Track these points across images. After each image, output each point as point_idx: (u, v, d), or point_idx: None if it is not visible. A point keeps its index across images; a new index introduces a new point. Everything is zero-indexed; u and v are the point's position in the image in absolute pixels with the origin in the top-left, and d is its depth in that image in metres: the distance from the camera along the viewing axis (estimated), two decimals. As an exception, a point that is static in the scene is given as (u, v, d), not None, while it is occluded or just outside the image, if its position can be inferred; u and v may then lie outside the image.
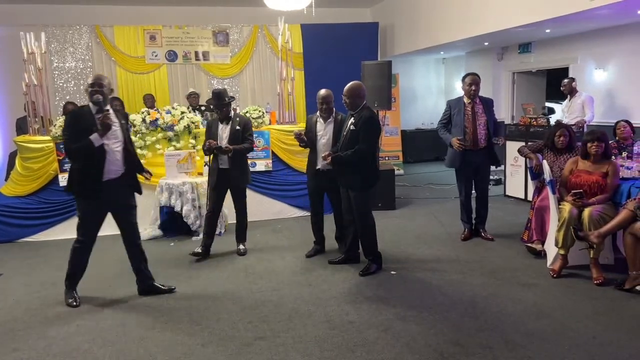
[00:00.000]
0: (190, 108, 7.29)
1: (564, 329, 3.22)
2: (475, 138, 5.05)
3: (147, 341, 3.23)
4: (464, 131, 5.06)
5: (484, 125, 5.07)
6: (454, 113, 5.15)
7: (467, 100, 5.11)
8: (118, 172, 3.79)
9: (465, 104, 5.11)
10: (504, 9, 6.85)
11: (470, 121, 5.06)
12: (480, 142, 5.07)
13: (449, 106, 5.28)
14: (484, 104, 5.13)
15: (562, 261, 4.15)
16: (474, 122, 5.06)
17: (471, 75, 5.12)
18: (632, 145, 5.20)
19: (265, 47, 9.60)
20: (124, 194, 3.93)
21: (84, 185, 3.70)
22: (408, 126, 11.31)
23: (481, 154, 5.12)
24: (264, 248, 5.26)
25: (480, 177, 5.28)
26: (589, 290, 3.84)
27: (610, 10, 5.65)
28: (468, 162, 5.13)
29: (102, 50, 8.84)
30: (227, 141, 4.81)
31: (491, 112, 5.18)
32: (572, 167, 4.41)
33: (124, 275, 4.43)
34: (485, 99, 5.20)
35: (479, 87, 5.11)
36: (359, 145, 4.15)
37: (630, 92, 7.12)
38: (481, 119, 5.07)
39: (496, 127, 5.24)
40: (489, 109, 5.14)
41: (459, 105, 5.15)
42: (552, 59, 8.57)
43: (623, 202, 4.08)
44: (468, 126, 5.06)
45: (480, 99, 5.13)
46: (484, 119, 5.07)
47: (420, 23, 9.02)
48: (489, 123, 5.09)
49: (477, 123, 5.06)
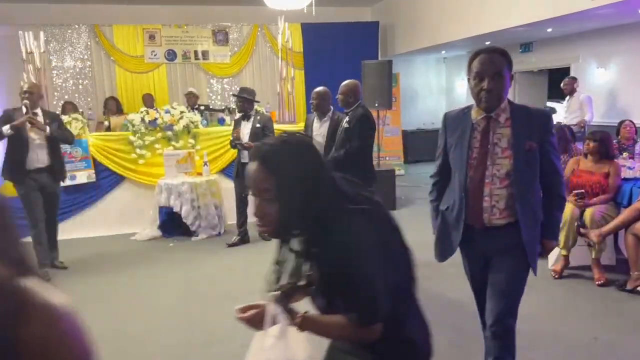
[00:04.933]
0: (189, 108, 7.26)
1: (565, 329, 3.20)
2: (477, 204, 2.19)
3: (147, 341, 3.21)
4: (464, 188, 2.21)
5: (504, 175, 2.15)
6: (452, 144, 2.29)
7: (477, 113, 2.20)
8: (40, 164, 4.46)
9: (474, 123, 2.21)
10: (505, 8, 6.83)
11: (475, 165, 2.19)
12: (489, 214, 2.18)
13: (443, 127, 2.36)
14: (516, 123, 2.16)
15: (563, 262, 4.13)
16: (482, 165, 2.18)
17: (486, 54, 2.11)
18: (633, 145, 5.19)
19: (265, 47, 9.57)
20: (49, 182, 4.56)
21: (10, 172, 4.49)
22: (409, 126, 11.28)
23: (498, 237, 2.21)
24: (264, 248, 5.24)
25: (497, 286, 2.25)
26: (590, 291, 3.82)
27: (612, 9, 5.62)
28: (472, 253, 2.35)
29: (101, 50, 8.81)
30: (248, 137, 5.14)
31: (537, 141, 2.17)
32: (574, 167, 4.39)
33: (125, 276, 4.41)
34: (524, 110, 2.23)
35: (504, 81, 2.12)
36: (351, 143, 4.11)
37: (631, 92, 7.10)
38: (501, 158, 2.15)
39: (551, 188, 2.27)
40: (529, 134, 2.15)
41: (461, 126, 2.25)
42: (553, 59, 8.54)
43: (625, 202, 4.07)
44: (472, 175, 2.20)
45: (511, 111, 2.18)
46: (508, 160, 2.14)
47: (421, 22, 8.99)
48: (519, 171, 2.14)
49: (489, 168, 2.17)
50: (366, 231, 1.26)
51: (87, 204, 5.87)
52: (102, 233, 5.74)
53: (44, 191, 4.50)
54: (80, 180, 5.75)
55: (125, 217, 5.96)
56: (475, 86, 2.10)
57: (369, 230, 1.27)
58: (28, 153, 4.38)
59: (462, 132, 2.20)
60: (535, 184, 2.18)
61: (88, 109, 7.94)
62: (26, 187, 4.42)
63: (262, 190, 1.26)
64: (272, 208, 1.26)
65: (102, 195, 5.97)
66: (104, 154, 5.92)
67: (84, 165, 5.81)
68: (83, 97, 8.72)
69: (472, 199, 2.17)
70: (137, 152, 5.97)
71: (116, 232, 5.88)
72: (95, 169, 5.87)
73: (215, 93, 9.43)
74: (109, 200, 6.01)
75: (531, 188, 2.17)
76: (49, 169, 4.52)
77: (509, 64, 2.11)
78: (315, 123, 4.68)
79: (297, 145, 1.32)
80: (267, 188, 1.25)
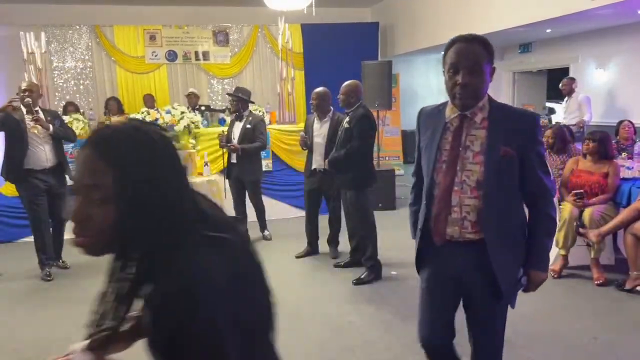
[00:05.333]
0: (190, 108, 7.28)
1: (565, 329, 3.21)
2: (443, 215, 1.88)
3: (147, 341, 3.22)
4: (428, 195, 1.95)
5: (474, 184, 1.83)
6: (423, 144, 2.02)
7: (451, 111, 1.91)
8: (47, 163, 4.41)
9: (447, 122, 1.91)
10: (504, 8, 6.84)
11: (444, 169, 1.88)
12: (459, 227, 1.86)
13: (417, 124, 2.08)
14: (494, 124, 1.83)
15: (562, 261, 4.14)
16: (451, 170, 1.87)
17: (463, 43, 1.81)
18: (632, 145, 5.21)
19: (265, 47, 9.59)
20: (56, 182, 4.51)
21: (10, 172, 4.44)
22: (408, 126, 11.28)
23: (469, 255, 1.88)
24: (264, 248, 5.25)
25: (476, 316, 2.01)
26: (589, 291, 3.84)
27: (611, 10, 5.64)
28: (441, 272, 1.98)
29: (102, 50, 8.83)
30: (238, 138, 5.16)
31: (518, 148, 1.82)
32: (573, 167, 4.41)
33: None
34: (506, 110, 1.91)
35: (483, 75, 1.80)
36: (351, 143, 4.12)
37: (630, 92, 7.11)
38: (472, 164, 1.84)
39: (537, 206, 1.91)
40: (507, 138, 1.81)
41: (434, 124, 1.96)
42: (552, 59, 8.56)
43: (624, 202, 4.09)
44: (439, 181, 1.90)
45: (491, 110, 1.85)
46: (479, 167, 1.82)
47: (420, 23, 9.01)
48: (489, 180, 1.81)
49: (459, 174, 1.85)
50: (220, 271, 0.91)
51: (88, 204, 5.87)
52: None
53: (51, 191, 4.44)
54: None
55: (126, 217, 5.96)
56: (449, 80, 1.80)
57: (225, 270, 0.92)
58: (27, 152, 4.30)
59: (434, 131, 1.91)
60: (511, 198, 1.83)
61: (89, 109, 7.96)
62: (31, 189, 4.35)
63: (91, 187, 0.90)
64: (101, 212, 0.90)
65: (102, 196, 5.98)
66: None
67: (84, 166, 5.82)
68: (84, 97, 8.74)
69: (438, 208, 1.85)
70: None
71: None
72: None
73: (215, 94, 9.45)
74: (110, 200, 6.01)
75: (505, 202, 1.80)
76: (55, 168, 4.46)
77: (490, 56, 1.79)
78: (316, 124, 4.70)
79: (154, 136, 0.96)
80: (99, 184, 0.89)
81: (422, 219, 1.94)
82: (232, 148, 5.12)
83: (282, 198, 6.54)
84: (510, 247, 1.84)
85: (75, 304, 3.92)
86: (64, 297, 4.07)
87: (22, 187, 4.41)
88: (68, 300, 4.00)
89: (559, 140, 4.81)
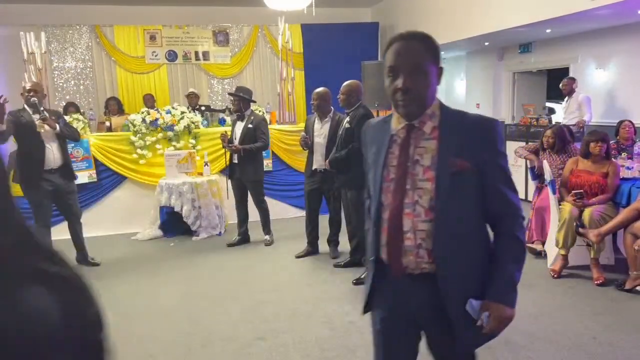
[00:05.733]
0: (190, 108, 7.29)
1: (564, 329, 3.21)
2: (395, 242, 1.55)
3: (147, 341, 3.23)
4: (375, 219, 1.62)
5: (427, 204, 1.51)
6: (369, 162, 1.71)
7: (398, 122, 1.61)
8: (55, 163, 4.41)
9: (394, 134, 1.61)
10: (504, 9, 6.85)
11: (392, 189, 1.57)
12: (414, 257, 1.53)
13: (363, 141, 1.80)
14: (445, 134, 1.53)
15: (562, 261, 4.14)
16: (400, 189, 1.55)
17: (401, 42, 1.52)
18: (632, 145, 5.21)
19: (265, 47, 9.59)
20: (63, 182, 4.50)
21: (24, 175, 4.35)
22: (408, 126, 11.30)
23: (427, 294, 1.56)
24: (265, 248, 5.26)
25: None
26: (589, 291, 3.84)
27: (611, 10, 5.64)
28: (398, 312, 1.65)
29: (102, 50, 8.83)
30: (239, 138, 5.14)
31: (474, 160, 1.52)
32: (572, 167, 4.41)
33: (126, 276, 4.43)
34: (459, 117, 1.58)
35: (428, 77, 1.52)
36: (352, 143, 4.13)
37: (630, 92, 7.11)
38: (423, 181, 1.52)
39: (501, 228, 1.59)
40: (461, 149, 1.51)
41: (380, 138, 1.66)
42: (552, 59, 8.56)
43: (623, 202, 4.09)
44: (388, 203, 1.57)
45: (442, 118, 1.55)
46: (430, 184, 1.51)
47: (420, 23, 9.01)
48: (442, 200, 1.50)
49: (409, 194, 1.53)
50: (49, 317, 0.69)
51: (88, 204, 5.88)
52: (103, 233, 5.76)
53: (58, 191, 4.43)
54: (82, 180, 5.75)
55: (126, 217, 5.98)
56: (389, 85, 1.54)
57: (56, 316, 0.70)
58: (45, 152, 4.29)
59: (380, 145, 1.63)
60: (471, 219, 1.54)
61: (89, 109, 7.97)
62: (41, 192, 4.32)
63: None
64: None
65: (103, 195, 5.99)
66: (105, 154, 5.94)
67: (85, 166, 5.83)
68: (84, 97, 8.75)
69: (389, 234, 1.55)
70: (138, 152, 5.99)
71: (117, 232, 5.90)
72: (97, 169, 5.90)
73: (215, 94, 9.46)
74: (110, 200, 6.03)
75: (463, 224, 1.51)
76: (61, 169, 4.45)
77: (434, 55, 1.53)
78: (316, 124, 4.71)
79: None
80: None
81: (373, 249, 1.62)
82: (234, 149, 5.09)
83: (282, 198, 6.54)
84: (467, 279, 1.53)
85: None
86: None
87: (31, 190, 4.33)
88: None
89: (559, 140, 4.81)
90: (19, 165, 4.37)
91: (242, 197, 5.37)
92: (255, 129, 5.12)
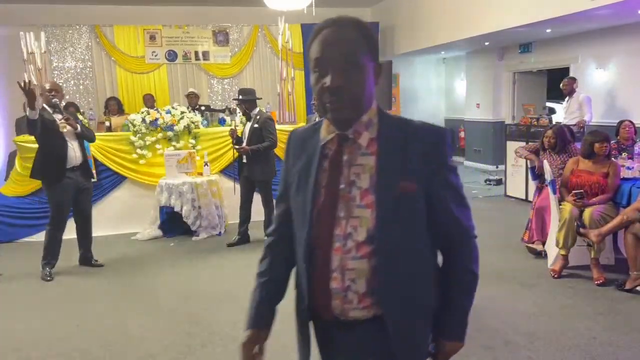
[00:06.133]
0: (190, 108, 7.28)
1: (565, 329, 3.21)
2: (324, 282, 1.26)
3: (147, 341, 3.22)
4: (305, 255, 1.29)
5: (364, 237, 1.22)
6: (292, 181, 1.35)
7: (327, 131, 1.29)
8: (76, 161, 4.53)
9: (324, 147, 1.29)
10: (504, 9, 6.85)
11: (321, 217, 1.26)
12: (341, 301, 1.25)
13: (286, 155, 1.42)
14: (386, 148, 1.24)
15: (562, 261, 4.14)
16: (329, 218, 1.24)
17: (330, 30, 1.27)
18: (632, 145, 5.21)
19: (265, 47, 9.59)
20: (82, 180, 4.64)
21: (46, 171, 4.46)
22: (408, 126, 11.30)
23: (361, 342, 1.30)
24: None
25: None
26: (589, 291, 3.83)
27: (611, 10, 5.64)
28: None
29: (101, 50, 8.83)
30: (247, 139, 5.20)
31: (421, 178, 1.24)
32: (573, 167, 4.40)
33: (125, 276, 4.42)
34: (401, 126, 1.27)
35: (364, 74, 1.21)
36: None
37: (630, 92, 7.11)
38: (360, 208, 1.23)
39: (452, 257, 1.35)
40: (405, 167, 1.22)
41: (307, 152, 1.32)
42: (552, 59, 8.56)
43: (624, 202, 4.08)
44: (316, 235, 1.27)
45: (381, 127, 1.25)
46: (370, 212, 1.21)
47: (420, 23, 9.01)
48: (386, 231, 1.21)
49: (341, 224, 1.23)
50: None
51: (88, 204, 5.88)
52: (103, 233, 5.75)
53: (78, 188, 4.54)
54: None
55: (126, 217, 5.98)
56: (316, 83, 1.21)
57: None
58: (67, 151, 4.41)
59: (307, 161, 1.30)
60: (419, 252, 1.28)
61: (89, 109, 7.96)
62: (63, 187, 4.43)
63: None
64: None
65: (103, 195, 5.98)
66: (105, 154, 5.94)
67: (84, 166, 5.83)
68: (84, 97, 8.75)
69: (319, 273, 1.26)
70: (138, 152, 5.99)
71: (117, 232, 5.90)
72: (97, 169, 5.89)
73: (215, 93, 9.46)
74: (110, 200, 6.03)
75: (410, 259, 1.25)
76: (81, 166, 4.58)
77: (372, 45, 1.25)
78: None
79: None
80: None
81: (305, 295, 1.35)
82: (242, 150, 5.15)
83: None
84: (418, 322, 1.30)
85: (76, 303, 3.93)
86: (64, 297, 4.08)
87: (54, 187, 4.44)
88: (68, 300, 4.01)
89: (559, 140, 4.81)
90: (41, 163, 4.45)
91: (248, 196, 5.38)
92: (262, 129, 5.15)
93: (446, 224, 1.29)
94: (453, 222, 1.29)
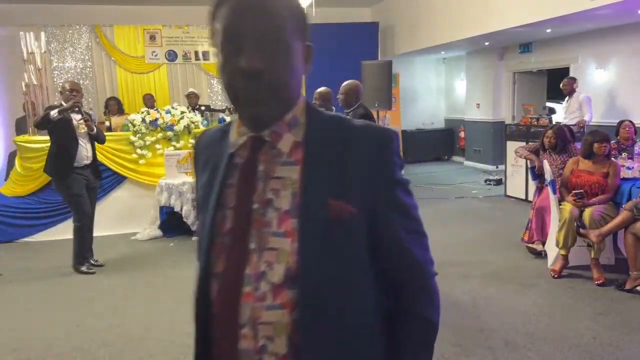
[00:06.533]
0: (190, 108, 7.29)
1: (565, 329, 3.21)
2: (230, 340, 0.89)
3: (147, 341, 3.22)
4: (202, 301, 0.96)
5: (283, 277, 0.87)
6: (198, 197, 1.04)
7: (238, 132, 0.95)
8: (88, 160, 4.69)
9: (234, 153, 0.95)
10: (504, 9, 6.84)
11: (227, 248, 0.91)
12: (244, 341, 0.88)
13: (194, 164, 1.07)
14: (314, 156, 0.91)
15: (562, 261, 4.14)
16: (237, 249, 0.90)
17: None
18: (632, 145, 5.21)
19: (265, 47, 9.59)
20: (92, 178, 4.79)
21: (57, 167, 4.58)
22: (408, 126, 11.31)
23: None
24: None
25: None
26: (589, 291, 3.84)
27: (611, 10, 5.64)
28: None
29: (101, 50, 8.84)
30: None
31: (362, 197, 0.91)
32: (573, 167, 4.40)
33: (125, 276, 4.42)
34: (335, 125, 0.95)
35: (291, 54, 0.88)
36: None
37: (631, 92, 7.11)
38: (278, 237, 0.88)
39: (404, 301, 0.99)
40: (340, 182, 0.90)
41: (214, 159, 0.99)
42: (552, 59, 8.56)
43: (624, 202, 4.08)
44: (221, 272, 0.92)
45: (308, 128, 0.93)
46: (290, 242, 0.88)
47: (420, 23, 9.01)
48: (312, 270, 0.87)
49: (253, 259, 0.88)
50: None
51: (88, 204, 5.88)
52: (103, 233, 5.74)
53: (88, 186, 4.70)
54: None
55: (126, 217, 5.98)
56: (225, 63, 0.88)
57: None
58: (77, 150, 4.55)
59: (213, 172, 0.99)
60: (359, 297, 0.93)
61: (89, 109, 7.96)
62: (77, 182, 4.57)
63: None
64: None
65: (103, 195, 5.97)
66: (104, 154, 5.93)
67: (84, 166, 5.84)
68: (84, 97, 8.73)
69: (223, 328, 0.92)
70: (138, 152, 5.99)
71: (117, 232, 5.90)
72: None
73: (215, 93, 9.46)
74: (110, 200, 6.03)
75: (347, 307, 0.91)
76: (92, 165, 4.74)
77: (301, 20, 0.92)
78: None
79: None
80: None
81: (201, 349, 0.99)
82: None
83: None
84: None
85: (76, 303, 3.93)
86: (64, 296, 4.08)
87: (67, 182, 4.57)
88: (68, 300, 4.01)
89: (559, 140, 4.81)
90: (54, 161, 4.60)
91: None
92: None
93: (395, 260, 0.96)
94: (402, 254, 0.96)
